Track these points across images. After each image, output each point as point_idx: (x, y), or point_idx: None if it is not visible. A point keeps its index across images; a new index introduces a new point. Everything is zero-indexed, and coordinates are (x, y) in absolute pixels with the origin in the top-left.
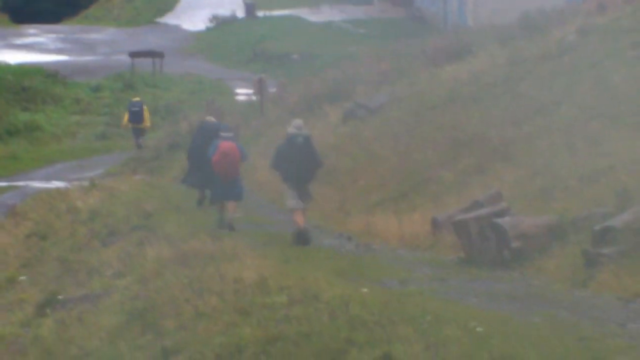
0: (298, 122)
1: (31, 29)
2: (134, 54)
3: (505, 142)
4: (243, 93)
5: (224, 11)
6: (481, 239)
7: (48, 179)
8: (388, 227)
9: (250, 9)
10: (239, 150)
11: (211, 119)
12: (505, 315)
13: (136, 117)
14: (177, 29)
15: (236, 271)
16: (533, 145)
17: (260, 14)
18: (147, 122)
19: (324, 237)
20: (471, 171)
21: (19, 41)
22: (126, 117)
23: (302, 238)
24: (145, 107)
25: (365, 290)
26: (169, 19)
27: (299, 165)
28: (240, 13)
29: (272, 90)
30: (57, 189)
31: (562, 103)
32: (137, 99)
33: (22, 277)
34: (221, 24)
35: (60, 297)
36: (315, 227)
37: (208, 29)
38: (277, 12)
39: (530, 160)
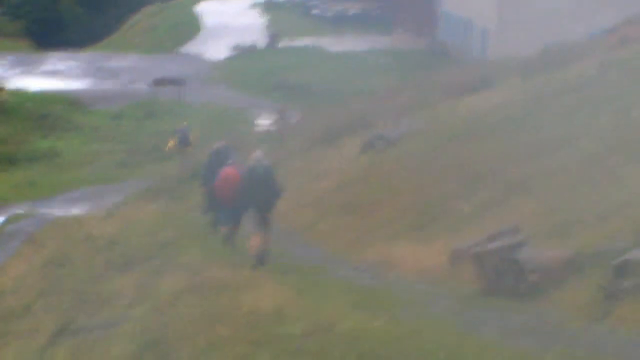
0: (258, 153)
1: (53, 55)
2: (156, 82)
3: (524, 176)
4: (263, 123)
5: (247, 40)
6: (498, 271)
7: (66, 206)
8: (406, 258)
9: (273, 39)
10: (240, 176)
11: (221, 144)
12: (520, 350)
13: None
14: (198, 57)
15: (252, 301)
16: (552, 180)
17: (281, 44)
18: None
19: (341, 269)
20: (489, 204)
21: (41, 68)
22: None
23: (258, 260)
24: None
25: (379, 323)
26: (190, 47)
27: (260, 194)
28: (262, 43)
29: (293, 120)
30: (75, 217)
31: (581, 137)
32: (185, 124)
33: (37, 306)
34: (242, 53)
35: (73, 326)
36: (333, 258)
37: (229, 58)
38: (299, 42)
39: (549, 195)
